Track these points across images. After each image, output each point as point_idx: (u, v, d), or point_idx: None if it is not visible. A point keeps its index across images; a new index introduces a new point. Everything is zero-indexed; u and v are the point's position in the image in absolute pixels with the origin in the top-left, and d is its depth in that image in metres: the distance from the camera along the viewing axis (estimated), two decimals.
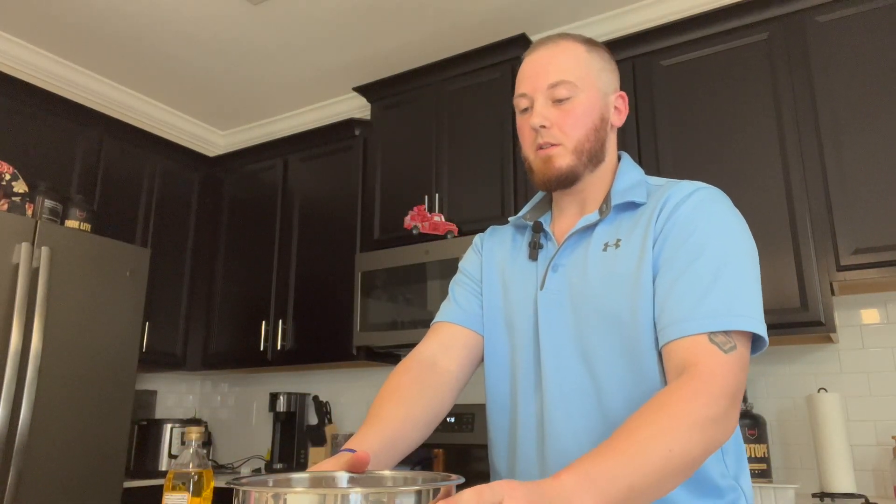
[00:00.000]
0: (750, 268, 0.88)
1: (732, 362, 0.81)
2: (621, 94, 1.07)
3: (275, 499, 0.56)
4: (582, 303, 0.96)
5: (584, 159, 1.02)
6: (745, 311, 0.84)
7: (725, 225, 0.91)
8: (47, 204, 2.73)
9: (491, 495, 0.61)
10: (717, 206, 0.93)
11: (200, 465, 1.08)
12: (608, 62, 1.07)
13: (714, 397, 0.78)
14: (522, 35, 2.88)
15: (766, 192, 2.27)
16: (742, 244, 0.90)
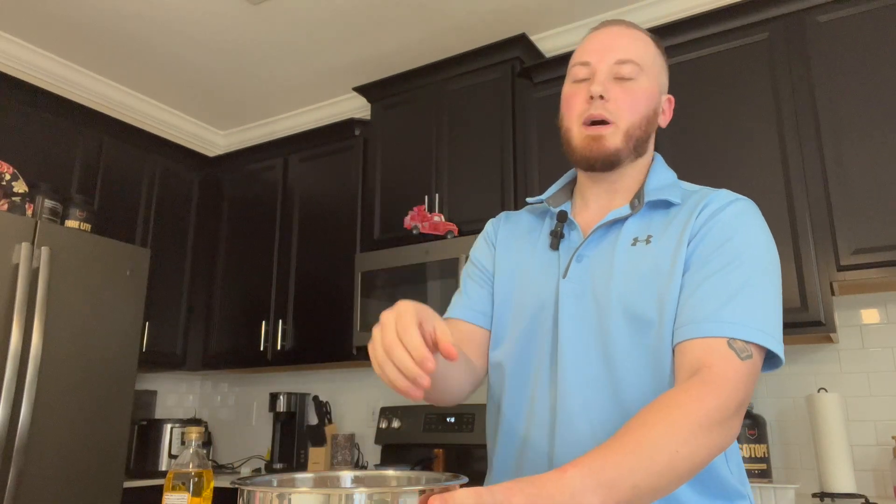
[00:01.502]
0: (776, 288, 0.88)
1: (746, 371, 0.80)
2: (670, 98, 1.06)
3: (280, 499, 0.56)
4: (605, 296, 0.94)
5: (631, 145, 0.99)
6: (766, 326, 0.83)
7: (761, 240, 0.90)
8: (47, 204, 2.73)
9: (490, 497, 0.60)
10: (756, 220, 0.93)
11: (200, 465, 1.08)
12: (665, 64, 1.06)
13: (724, 401, 0.77)
14: (522, 35, 2.88)
15: (766, 191, 2.28)
16: (772, 264, 0.90)
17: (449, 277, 2.74)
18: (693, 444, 0.74)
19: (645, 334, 0.90)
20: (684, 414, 0.75)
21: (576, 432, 0.92)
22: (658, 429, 0.74)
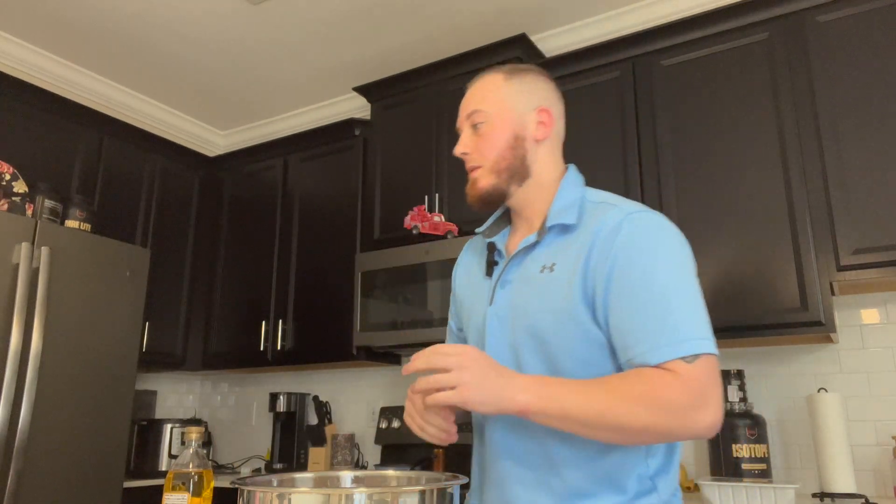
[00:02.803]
0: (691, 287, 0.96)
1: (700, 369, 0.90)
2: (544, 109, 1.11)
3: (280, 499, 0.56)
4: (518, 319, 1.05)
5: (505, 176, 1.09)
6: (698, 333, 0.92)
7: (660, 251, 0.97)
8: (47, 204, 2.73)
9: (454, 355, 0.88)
10: (650, 234, 0.98)
11: (200, 465, 1.08)
12: (529, 83, 1.12)
13: (680, 390, 0.88)
14: (522, 35, 2.88)
15: (766, 191, 2.28)
16: (678, 266, 0.97)
17: (449, 277, 2.74)
18: (630, 410, 0.87)
19: (547, 359, 1.02)
20: (638, 384, 0.88)
21: (495, 433, 1.07)
22: (612, 385, 0.89)
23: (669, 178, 2.46)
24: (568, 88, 2.76)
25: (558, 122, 1.13)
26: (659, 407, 0.87)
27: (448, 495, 0.60)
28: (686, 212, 2.40)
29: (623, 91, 2.63)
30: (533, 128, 1.10)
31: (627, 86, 2.62)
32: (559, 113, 1.14)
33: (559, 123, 1.14)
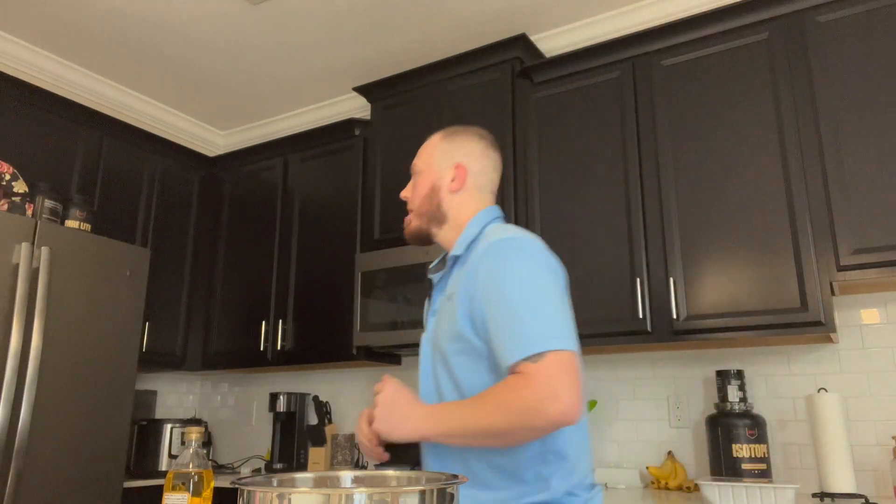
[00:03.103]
0: (538, 295, 1.11)
1: (546, 367, 1.03)
2: (457, 165, 1.33)
3: (280, 499, 0.56)
4: (435, 345, 1.25)
5: (426, 220, 1.33)
6: (543, 334, 1.06)
7: (508, 269, 1.13)
8: (47, 204, 2.73)
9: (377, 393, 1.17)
10: (502, 257, 1.15)
11: (200, 465, 1.08)
12: (455, 143, 1.35)
13: (526, 389, 1.02)
14: (522, 35, 2.88)
15: (767, 191, 2.28)
16: (525, 279, 1.12)
17: None
18: (493, 417, 1.04)
19: (450, 372, 1.21)
20: (496, 395, 1.05)
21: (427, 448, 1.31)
22: (477, 402, 1.07)
23: (669, 178, 2.46)
24: (568, 88, 2.76)
25: (478, 176, 1.33)
26: (511, 409, 1.02)
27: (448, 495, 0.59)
28: (686, 211, 2.40)
29: (623, 91, 2.63)
30: (448, 181, 1.32)
31: (627, 86, 2.62)
32: (480, 168, 1.33)
33: (480, 177, 1.33)
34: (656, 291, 2.40)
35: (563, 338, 1.06)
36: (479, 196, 1.33)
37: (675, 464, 2.45)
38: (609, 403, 2.75)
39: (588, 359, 2.84)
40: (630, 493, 2.30)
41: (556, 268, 1.17)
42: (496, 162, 1.37)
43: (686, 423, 2.57)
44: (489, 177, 1.35)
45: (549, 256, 1.17)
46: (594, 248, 2.55)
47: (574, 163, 2.67)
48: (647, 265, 2.44)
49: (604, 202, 2.57)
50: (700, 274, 2.33)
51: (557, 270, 1.17)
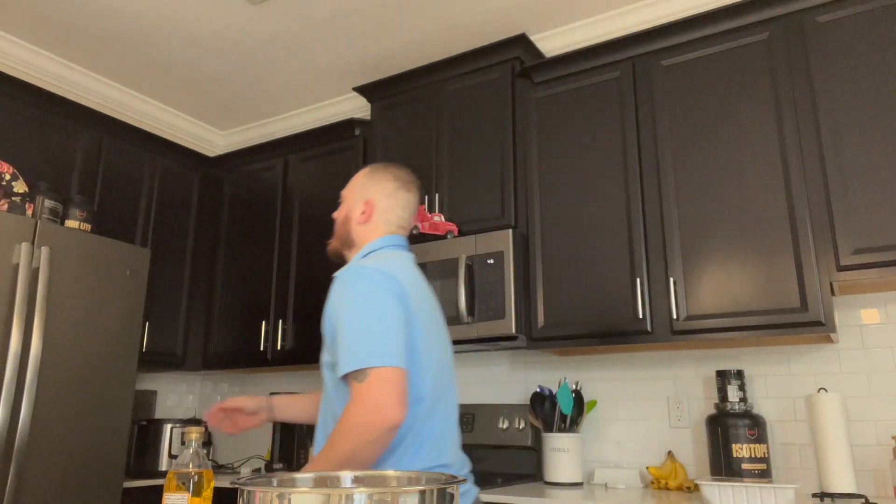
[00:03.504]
0: (367, 317, 1.27)
1: (368, 385, 1.21)
2: (367, 201, 1.55)
3: (279, 498, 0.56)
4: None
5: (340, 243, 1.58)
6: (367, 351, 1.23)
7: (345, 295, 1.32)
8: (47, 204, 2.73)
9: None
10: (341, 285, 1.34)
11: (200, 465, 1.08)
12: (372, 180, 1.57)
13: (355, 410, 1.20)
14: (522, 35, 2.88)
15: (767, 191, 2.28)
16: (356, 303, 1.29)
17: (449, 277, 2.74)
18: (346, 444, 1.19)
19: (323, 379, 1.42)
20: (340, 427, 1.21)
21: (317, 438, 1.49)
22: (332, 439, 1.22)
23: (669, 178, 2.46)
24: (568, 88, 2.76)
25: (385, 212, 1.54)
26: (350, 433, 1.19)
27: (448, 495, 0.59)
28: (686, 211, 2.40)
29: (623, 91, 2.63)
30: (358, 213, 1.54)
31: (627, 86, 2.62)
32: (388, 205, 1.54)
33: (386, 213, 1.54)
34: (656, 291, 2.40)
35: (387, 355, 1.23)
36: (384, 228, 1.54)
37: (675, 464, 2.45)
38: (609, 403, 2.75)
39: (588, 359, 2.84)
40: (630, 493, 2.31)
41: (402, 291, 1.32)
42: (406, 201, 1.56)
43: (686, 423, 2.57)
44: (396, 214, 1.55)
45: (393, 282, 1.32)
46: (594, 248, 2.55)
47: (574, 163, 2.67)
48: (647, 265, 2.44)
49: (604, 202, 2.57)
50: (700, 274, 2.33)
51: (403, 293, 1.32)
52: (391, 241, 1.52)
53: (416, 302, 1.35)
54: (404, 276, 1.36)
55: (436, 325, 1.43)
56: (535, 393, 2.70)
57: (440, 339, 1.43)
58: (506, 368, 3.04)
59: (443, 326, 1.48)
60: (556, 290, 2.60)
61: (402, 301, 1.32)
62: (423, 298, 1.40)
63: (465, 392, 3.12)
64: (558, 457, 2.52)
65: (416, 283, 1.40)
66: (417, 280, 1.42)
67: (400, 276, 1.35)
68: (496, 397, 3.03)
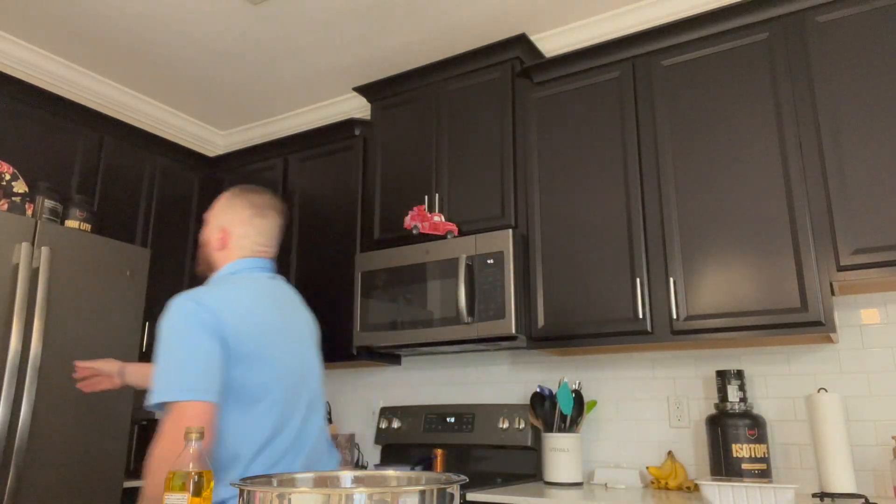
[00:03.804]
0: (174, 350, 1.32)
1: (170, 419, 1.27)
2: (222, 228, 1.61)
3: (280, 499, 0.56)
4: None
5: (204, 267, 1.64)
6: (165, 387, 1.29)
7: (162, 326, 1.36)
8: (47, 204, 2.73)
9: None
10: (163, 314, 1.38)
11: (200, 465, 1.08)
12: (228, 209, 1.62)
13: (159, 445, 1.26)
14: (522, 35, 2.88)
15: (767, 191, 2.28)
16: (166, 338, 1.34)
17: (449, 277, 2.74)
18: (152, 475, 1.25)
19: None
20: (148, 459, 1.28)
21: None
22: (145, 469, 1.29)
23: (669, 178, 2.46)
24: (568, 88, 2.76)
25: (240, 239, 1.59)
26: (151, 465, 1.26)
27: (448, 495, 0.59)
28: (686, 211, 2.40)
29: (623, 91, 2.63)
30: (215, 240, 1.61)
31: (627, 86, 2.62)
32: (243, 233, 1.60)
33: (241, 240, 1.59)
34: (656, 291, 2.40)
35: (191, 389, 1.28)
36: (239, 254, 1.60)
37: (675, 464, 2.45)
38: (609, 403, 2.75)
39: (588, 359, 2.84)
40: (630, 493, 2.31)
41: (217, 324, 1.35)
42: (261, 227, 1.62)
43: (686, 423, 2.57)
44: (252, 240, 1.61)
45: (207, 314, 1.35)
46: (594, 247, 2.55)
47: (574, 163, 2.67)
48: (647, 265, 2.44)
49: (604, 202, 2.57)
50: (700, 274, 2.33)
51: (218, 326, 1.35)
52: (245, 264, 1.58)
53: (243, 332, 1.38)
54: (232, 307, 1.40)
55: (280, 350, 1.46)
56: (535, 393, 2.70)
57: (283, 365, 1.46)
58: (506, 368, 3.04)
59: (295, 348, 1.51)
60: (556, 290, 2.60)
61: (215, 334, 1.35)
62: (258, 326, 1.42)
63: (466, 392, 3.12)
64: (558, 457, 2.52)
65: (251, 310, 1.43)
66: (257, 307, 1.45)
67: (224, 306, 1.38)
68: (496, 397, 3.04)
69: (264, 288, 1.53)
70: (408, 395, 3.28)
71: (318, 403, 1.57)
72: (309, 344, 1.58)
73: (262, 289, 1.52)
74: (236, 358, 1.37)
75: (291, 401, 1.46)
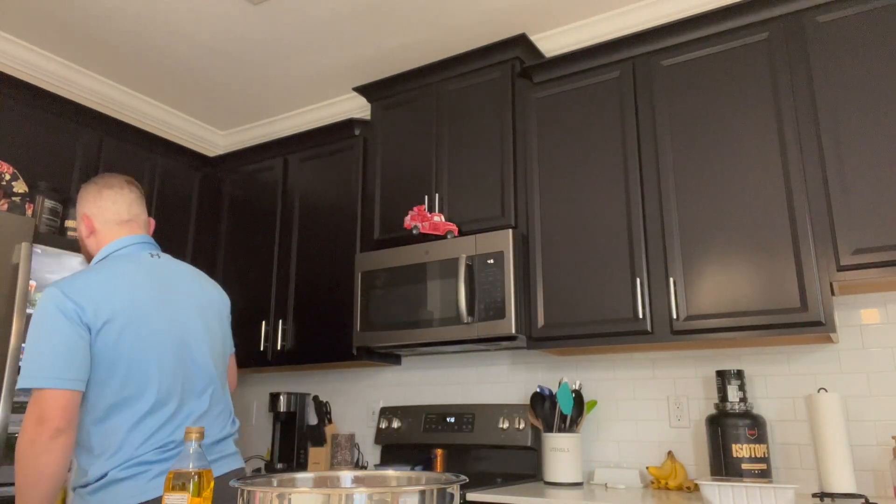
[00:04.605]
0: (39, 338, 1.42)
1: (30, 405, 1.39)
2: (83, 216, 1.68)
3: (280, 499, 0.56)
4: None
5: (84, 252, 1.73)
6: (29, 373, 1.40)
7: (33, 316, 1.46)
8: (47, 204, 2.73)
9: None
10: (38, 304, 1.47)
11: (200, 465, 1.08)
12: (82, 197, 1.69)
13: (26, 430, 1.37)
14: (522, 35, 2.88)
15: (766, 192, 2.28)
16: (34, 326, 1.44)
17: (449, 277, 2.74)
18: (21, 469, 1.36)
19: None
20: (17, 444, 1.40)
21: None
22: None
23: (669, 178, 2.46)
24: (568, 88, 2.76)
25: (99, 216, 1.66)
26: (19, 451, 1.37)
27: (448, 495, 0.59)
28: (686, 211, 2.40)
29: (623, 91, 2.63)
30: (83, 230, 1.69)
31: (627, 86, 2.62)
32: (97, 209, 1.66)
33: (102, 215, 1.66)
34: (656, 291, 2.40)
35: (45, 378, 1.38)
36: (110, 230, 1.67)
37: (675, 464, 2.45)
38: (609, 403, 2.75)
39: (588, 359, 2.84)
40: (630, 493, 2.31)
41: (78, 310, 1.44)
42: (113, 198, 1.67)
43: (686, 423, 2.57)
44: (113, 210, 1.67)
45: (67, 302, 1.44)
46: (594, 247, 2.55)
47: (574, 163, 2.67)
48: (647, 265, 2.44)
49: (604, 202, 2.57)
50: (700, 274, 2.33)
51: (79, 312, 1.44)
52: (115, 246, 1.65)
53: (105, 314, 1.47)
54: (93, 293, 1.48)
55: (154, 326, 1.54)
56: (535, 393, 2.70)
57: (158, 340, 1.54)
58: (506, 368, 3.04)
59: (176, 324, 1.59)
60: (556, 290, 2.60)
61: (79, 322, 1.45)
62: (124, 306, 1.50)
63: (465, 392, 3.12)
64: (558, 457, 2.52)
65: (115, 291, 1.51)
66: (121, 287, 1.52)
67: (85, 293, 1.47)
68: (496, 397, 3.04)
69: (138, 267, 1.60)
70: (408, 395, 3.28)
71: (205, 374, 1.63)
72: (194, 318, 1.64)
73: (133, 268, 1.59)
74: (105, 340, 1.47)
75: (170, 375, 1.55)
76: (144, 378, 1.50)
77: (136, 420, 1.48)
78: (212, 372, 1.65)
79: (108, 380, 1.48)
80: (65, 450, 1.39)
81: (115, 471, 1.45)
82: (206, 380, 1.63)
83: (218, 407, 1.66)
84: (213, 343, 1.68)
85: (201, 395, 1.61)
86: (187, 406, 1.57)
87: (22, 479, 1.36)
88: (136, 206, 1.71)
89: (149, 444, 1.49)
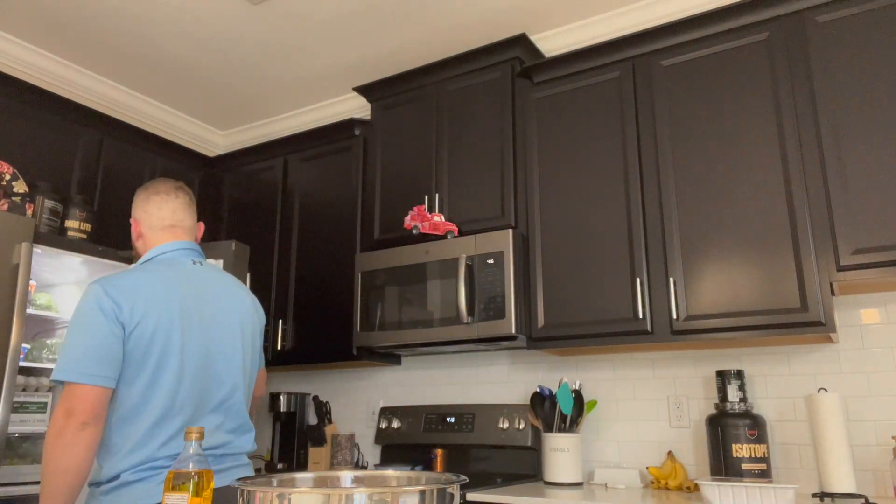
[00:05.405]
0: (76, 333, 1.46)
1: (61, 398, 1.43)
2: (133, 220, 1.76)
3: (280, 499, 0.56)
4: None
5: (133, 253, 1.82)
6: (63, 367, 1.44)
7: (74, 310, 1.51)
8: (47, 204, 2.73)
9: None
10: (81, 298, 1.52)
11: (200, 465, 1.08)
12: (134, 203, 1.76)
13: (57, 420, 1.40)
14: (522, 35, 2.88)
15: (766, 191, 2.28)
16: (73, 321, 1.48)
17: (449, 277, 2.74)
18: (49, 457, 1.39)
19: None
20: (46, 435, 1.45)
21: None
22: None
23: (669, 179, 2.46)
24: (568, 88, 2.76)
25: (147, 221, 1.72)
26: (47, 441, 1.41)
27: (448, 495, 0.60)
28: (686, 211, 2.40)
29: (623, 91, 2.63)
30: (132, 234, 1.77)
31: (627, 86, 2.62)
32: (146, 214, 1.73)
33: (149, 220, 1.72)
34: (656, 291, 2.40)
35: (77, 373, 1.42)
36: (155, 235, 1.72)
37: (675, 464, 2.45)
38: (609, 403, 2.75)
39: (588, 359, 2.85)
40: (630, 493, 2.31)
41: (116, 309, 1.48)
42: (157, 202, 1.73)
43: (686, 423, 2.57)
44: (158, 216, 1.72)
45: (107, 301, 1.48)
46: (594, 247, 2.55)
47: (574, 163, 2.67)
48: (647, 265, 2.44)
49: (604, 202, 2.57)
50: (700, 274, 2.33)
51: (116, 311, 1.48)
52: (158, 251, 1.70)
53: (140, 316, 1.51)
54: (133, 293, 1.52)
55: (184, 333, 1.56)
56: (535, 393, 2.70)
57: (185, 347, 1.57)
58: (506, 368, 3.04)
59: (207, 332, 1.62)
60: (556, 290, 2.60)
61: (116, 320, 1.49)
62: (159, 310, 1.53)
63: (466, 392, 3.12)
64: (558, 457, 2.52)
65: (153, 295, 1.54)
66: (159, 291, 1.56)
67: (125, 293, 1.51)
68: (496, 397, 3.04)
69: (178, 273, 1.63)
70: (408, 395, 3.28)
71: (225, 389, 1.63)
72: (226, 332, 1.66)
73: (172, 273, 1.62)
74: (137, 340, 1.50)
75: (189, 384, 1.56)
76: (166, 384, 1.52)
77: (153, 423, 1.50)
78: (233, 387, 1.65)
79: (134, 379, 1.50)
80: (90, 443, 1.42)
81: (126, 473, 1.47)
82: (225, 394, 1.63)
83: (235, 421, 1.66)
84: (239, 359, 1.68)
85: (218, 408, 1.62)
86: (204, 418, 1.59)
87: (47, 469, 1.39)
88: (182, 212, 1.75)
89: (164, 451, 1.51)
